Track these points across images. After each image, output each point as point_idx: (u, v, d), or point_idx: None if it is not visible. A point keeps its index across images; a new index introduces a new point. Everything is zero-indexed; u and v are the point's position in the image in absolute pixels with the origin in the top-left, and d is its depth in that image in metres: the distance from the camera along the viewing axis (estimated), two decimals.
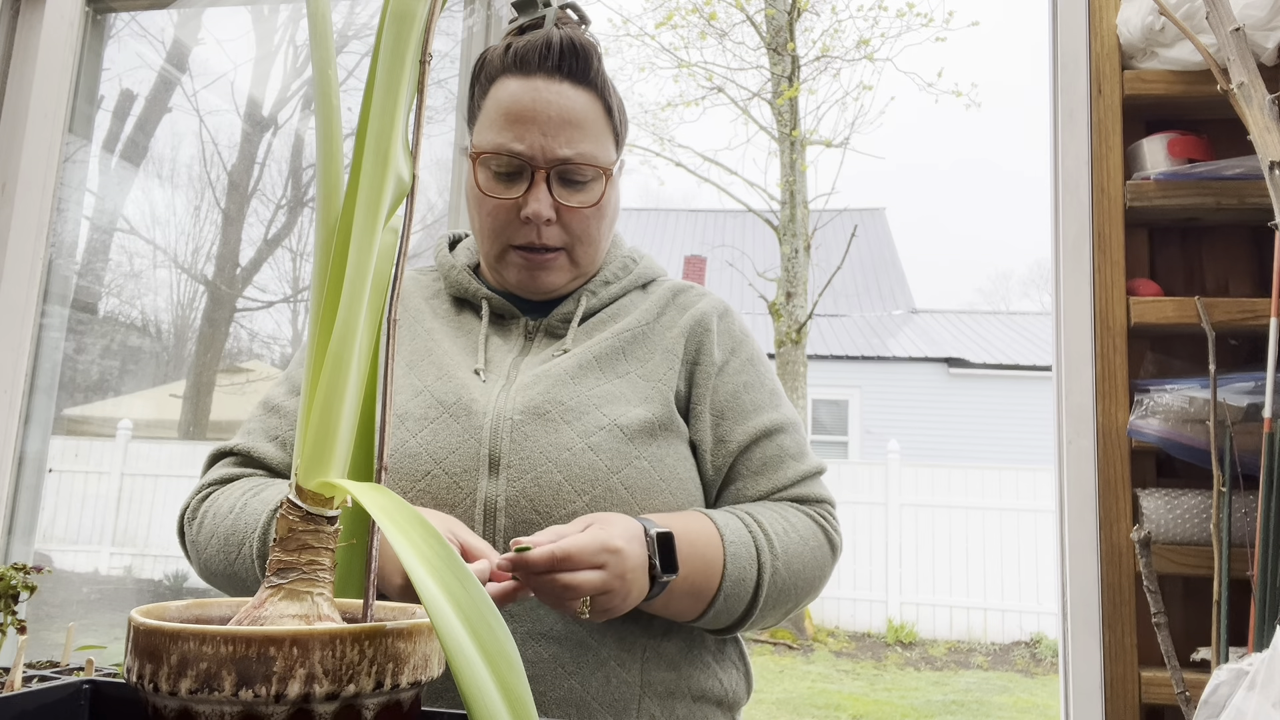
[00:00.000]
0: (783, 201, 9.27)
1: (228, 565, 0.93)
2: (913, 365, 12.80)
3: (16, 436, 1.98)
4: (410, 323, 1.04)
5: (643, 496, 0.92)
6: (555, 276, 1.01)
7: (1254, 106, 1.29)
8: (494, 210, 0.97)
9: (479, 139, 0.99)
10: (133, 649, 0.46)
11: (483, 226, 1.00)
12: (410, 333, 1.03)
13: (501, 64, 0.99)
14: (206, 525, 0.96)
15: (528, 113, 0.96)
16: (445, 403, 0.94)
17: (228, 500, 0.96)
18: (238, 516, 0.93)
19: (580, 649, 0.90)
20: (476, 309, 1.05)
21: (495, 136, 0.97)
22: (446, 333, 1.03)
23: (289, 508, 0.52)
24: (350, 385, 0.52)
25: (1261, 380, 1.36)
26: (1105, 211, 1.53)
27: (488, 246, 1.01)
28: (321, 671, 0.44)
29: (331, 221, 0.54)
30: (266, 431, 1.02)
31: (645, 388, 0.98)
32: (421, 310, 1.06)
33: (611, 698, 0.90)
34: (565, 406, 0.94)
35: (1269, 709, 0.79)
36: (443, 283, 1.08)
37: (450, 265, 1.07)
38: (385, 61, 0.54)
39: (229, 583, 0.95)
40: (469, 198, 1.02)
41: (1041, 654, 7.43)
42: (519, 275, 1.01)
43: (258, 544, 0.90)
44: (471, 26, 1.92)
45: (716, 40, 10.33)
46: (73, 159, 2.12)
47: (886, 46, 13.89)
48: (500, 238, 0.99)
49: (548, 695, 0.88)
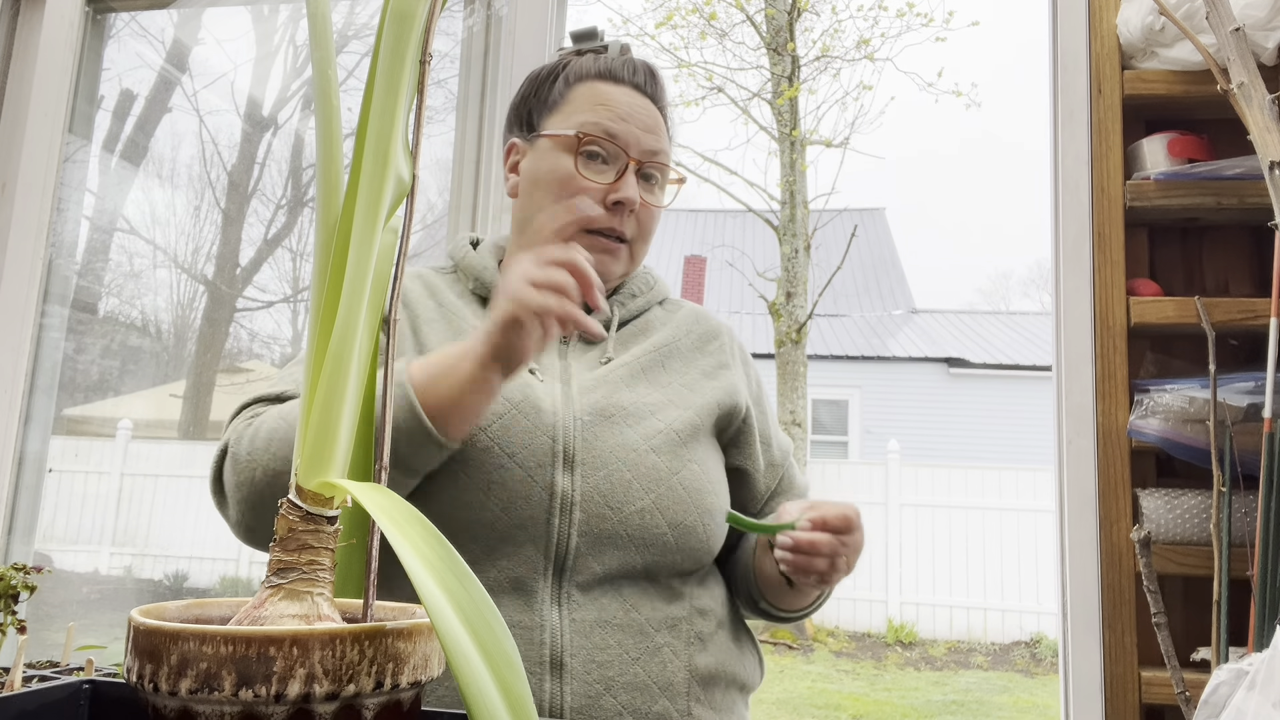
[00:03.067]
0: (783, 201, 9.27)
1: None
2: (913, 365, 12.80)
3: (16, 436, 1.98)
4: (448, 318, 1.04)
5: (697, 496, 0.99)
6: (617, 266, 1.06)
7: (1254, 106, 1.29)
8: (579, 191, 1.02)
9: (569, 122, 1.03)
10: (133, 649, 0.46)
11: (555, 209, 1.03)
12: (451, 329, 1.02)
13: (589, 70, 1.06)
14: (263, 433, 0.88)
15: (622, 109, 1.03)
16: (513, 400, 0.96)
17: (279, 409, 0.91)
18: None
19: (641, 636, 0.94)
20: None
21: (593, 118, 1.03)
22: None
23: (289, 508, 0.52)
24: (350, 385, 0.52)
25: (1261, 380, 1.36)
26: (1105, 211, 1.53)
27: (555, 227, 1.03)
28: (321, 671, 0.44)
29: (331, 221, 0.54)
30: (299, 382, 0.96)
31: (687, 397, 1.04)
32: (458, 308, 1.05)
33: (667, 682, 0.94)
34: (625, 410, 0.99)
35: (1269, 709, 0.79)
36: (470, 283, 1.08)
37: (482, 266, 1.07)
38: (385, 61, 0.54)
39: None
40: (544, 180, 1.03)
41: (1041, 654, 7.43)
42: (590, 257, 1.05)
43: None
44: (471, 26, 1.92)
45: (716, 40, 10.34)
46: (73, 159, 2.12)
47: (886, 46, 13.89)
48: (571, 217, 1.02)
49: (616, 681, 0.92)
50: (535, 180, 1.05)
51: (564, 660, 0.90)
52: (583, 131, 1.02)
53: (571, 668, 0.90)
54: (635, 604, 0.95)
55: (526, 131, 1.08)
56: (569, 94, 1.06)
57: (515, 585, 0.91)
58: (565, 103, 1.05)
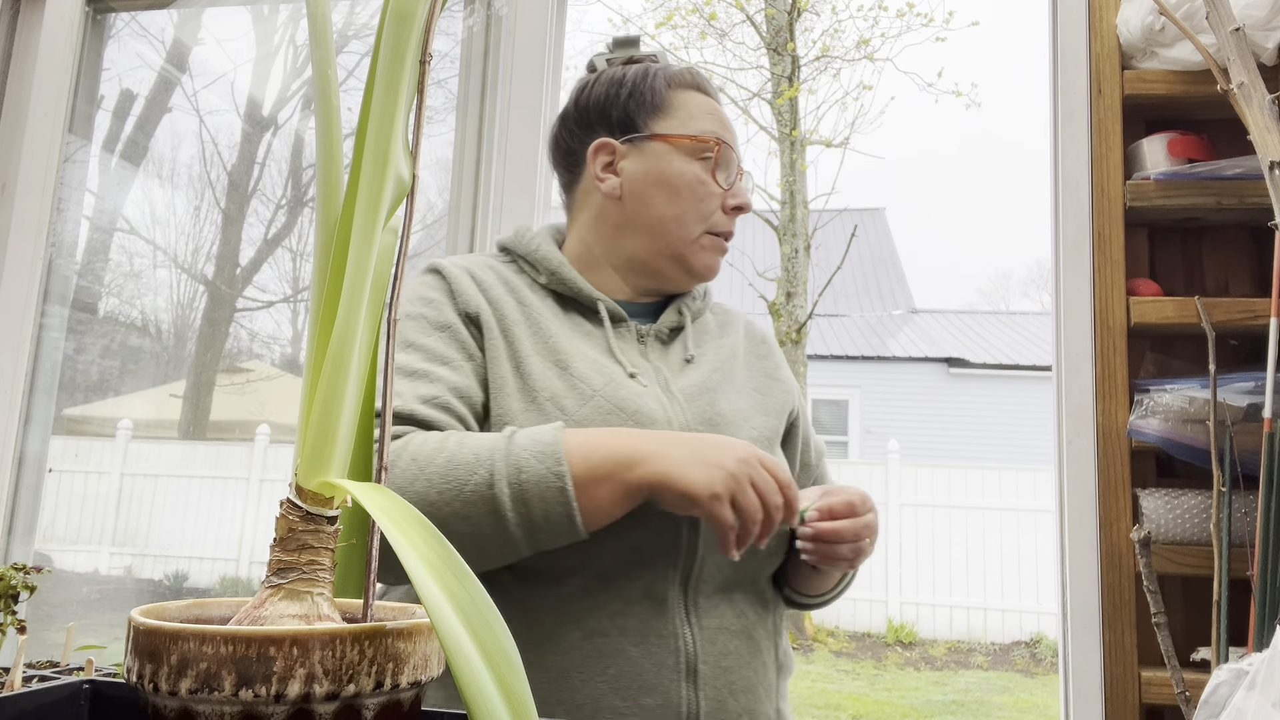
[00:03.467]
0: (783, 201, 9.26)
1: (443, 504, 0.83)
2: (913, 365, 12.79)
3: (16, 436, 1.98)
4: (531, 319, 1.02)
5: None
6: (721, 263, 1.11)
7: (1254, 106, 1.29)
8: (707, 196, 1.06)
9: (688, 127, 1.07)
10: (133, 649, 0.46)
11: (686, 212, 1.05)
12: (537, 333, 1.01)
13: (683, 79, 1.10)
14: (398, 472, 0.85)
15: (724, 121, 1.09)
16: (625, 409, 0.96)
17: (428, 443, 0.86)
18: (454, 452, 0.84)
19: (749, 640, 0.97)
20: (585, 310, 1.06)
21: (711, 127, 1.07)
22: (568, 332, 1.03)
23: (288, 508, 0.52)
24: (350, 385, 0.52)
25: (1261, 380, 1.36)
26: (1105, 211, 1.53)
27: (687, 230, 1.05)
28: (321, 671, 0.44)
29: (331, 221, 0.54)
30: (417, 394, 0.92)
31: (764, 402, 1.09)
32: (537, 306, 1.04)
33: (768, 682, 0.99)
34: (725, 418, 1.02)
35: (1269, 709, 0.79)
36: (544, 277, 1.07)
37: (559, 262, 1.07)
38: (385, 61, 0.54)
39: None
40: (672, 182, 1.05)
41: (1041, 654, 7.43)
42: (710, 258, 1.08)
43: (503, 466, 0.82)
44: (471, 26, 1.92)
45: (716, 40, 10.33)
46: (73, 159, 2.12)
47: (886, 46, 13.89)
48: (704, 223, 1.06)
49: (737, 685, 0.94)
50: (661, 182, 1.05)
51: (698, 667, 0.91)
52: (716, 140, 1.06)
53: (704, 674, 0.91)
54: (743, 610, 0.98)
55: (625, 132, 1.08)
56: (671, 99, 1.08)
57: (649, 596, 0.91)
58: (672, 107, 1.08)
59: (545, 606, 0.89)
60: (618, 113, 1.09)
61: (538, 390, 0.95)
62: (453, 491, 0.82)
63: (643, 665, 0.88)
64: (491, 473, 0.83)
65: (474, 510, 0.82)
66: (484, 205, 1.84)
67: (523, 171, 1.81)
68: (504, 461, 0.83)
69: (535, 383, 0.96)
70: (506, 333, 0.99)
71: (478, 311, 0.99)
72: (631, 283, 1.09)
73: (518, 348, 0.98)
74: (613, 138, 1.08)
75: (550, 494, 0.82)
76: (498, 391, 0.96)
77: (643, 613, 0.90)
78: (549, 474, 0.83)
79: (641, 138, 1.07)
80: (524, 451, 0.84)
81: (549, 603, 0.89)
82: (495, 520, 0.82)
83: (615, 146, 1.08)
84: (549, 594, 0.90)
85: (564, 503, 0.83)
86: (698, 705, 0.90)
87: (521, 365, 0.97)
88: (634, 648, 0.89)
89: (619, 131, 1.08)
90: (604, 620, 0.89)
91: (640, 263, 1.08)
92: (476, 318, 0.99)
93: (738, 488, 0.84)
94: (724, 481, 0.83)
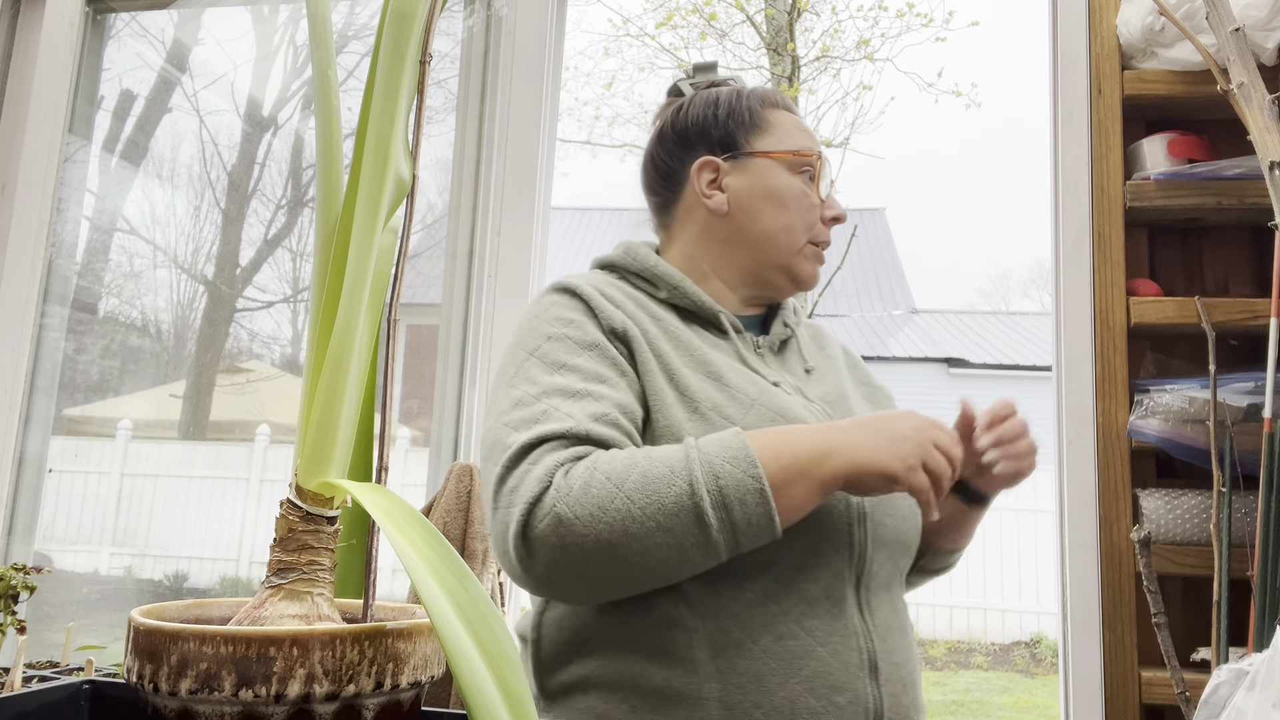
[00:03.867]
0: None
1: (646, 519, 0.83)
2: (913, 365, 12.79)
3: (16, 436, 1.98)
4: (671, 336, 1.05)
5: None
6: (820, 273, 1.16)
7: (1254, 106, 1.29)
8: (810, 209, 1.11)
9: (787, 143, 1.12)
10: (133, 649, 0.46)
11: (794, 223, 1.10)
12: (671, 340, 1.04)
13: (772, 98, 1.15)
14: (596, 490, 0.84)
15: (813, 136, 1.15)
16: (786, 416, 0.98)
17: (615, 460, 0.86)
18: (646, 467, 0.85)
19: (905, 635, 1.01)
20: (706, 322, 1.09)
21: (807, 144, 1.12)
22: (701, 343, 1.05)
23: (289, 508, 0.52)
24: (350, 385, 0.52)
25: (1261, 380, 1.36)
26: (1105, 211, 1.53)
27: (793, 241, 1.10)
28: (321, 672, 0.44)
29: (331, 222, 0.54)
30: (587, 412, 0.91)
31: (870, 409, 1.15)
32: (671, 322, 1.07)
33: (920, 675, 1.04)
34: None
35: (1269, 709, 0.79)
36: (666, 292, 1.09)
37: (680, 277, 1.10)
38: (385, 62, 0.54)
39: (639, 549, 0.83)
40: (779, 196, 1.10)
41: (1041, 654, 7.43)
42: (812, 267, 1.13)
43: (701, 474, 0.83)
44: (471, 26, 1.92)
45: (716, 40, 10.33)
46: (73, 159, 2.12)
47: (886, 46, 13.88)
48: (807, 233, 1.11)
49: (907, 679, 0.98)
50: (769, 195, 1.10)
51: (878, 664, 0.94)
52: (816, 155, 1.11)
53: (883, 670, 0.94)
54: (899, 606, 1.02)
55: (726, 150, 1.12)
56: (766, 117, 1.13)
57: (828, 596, 0.94)
58: (770, 125, 1.13)
59: (731, 613, 0.91)
60: (718, 132, 1.13)
61: (698, 401, 0.97)
62: (654, 505, 0.84)
63: (832, 665, 0.91)
64: (690, 482, 0.84)
65: (677, 521, 0.84)
66: (484, 205, 1.84)
67: (523, 171, 1.81)
68: (701, 469, 0.85)
69: (694, 394, 0.98)
70: (652, 346, 1.01)
71: (624, 328, 1.01)
72: (739, 294, 1.13)
73: (667, 361, 1.00)
74: (713, 155, 1.12)
75: (750, 497, 0.84)
76: (658, 404, 0.97)
77: (824, 613, 0.93)
78: (746, 477, 0.84)
79: (744, 155, 1.11)
80: (717, 458, 0.86)
81: (735, 609, 0.91)
82: (699, 529, 0.84)
83: (719, 164, 1.12)
84: (734, 600, 0.91)
85: (763, 504, 0.84)
86: (881, 701, 0.93)
87: (675, 378, 0.99)
88: (821, 648, 0.91)
89: (720, 150, 1.13)
90: (790, 623, 0.91)
91: (749, 274, 1.12)
92: (624, 334, 1.00)
93: (925, 453, 0.87)
94: (913, 451, 0.87)
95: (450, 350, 1.84)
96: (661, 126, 1.19)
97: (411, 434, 2.13)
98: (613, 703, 0.91)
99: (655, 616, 0.91)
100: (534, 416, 0.91)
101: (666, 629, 0.91)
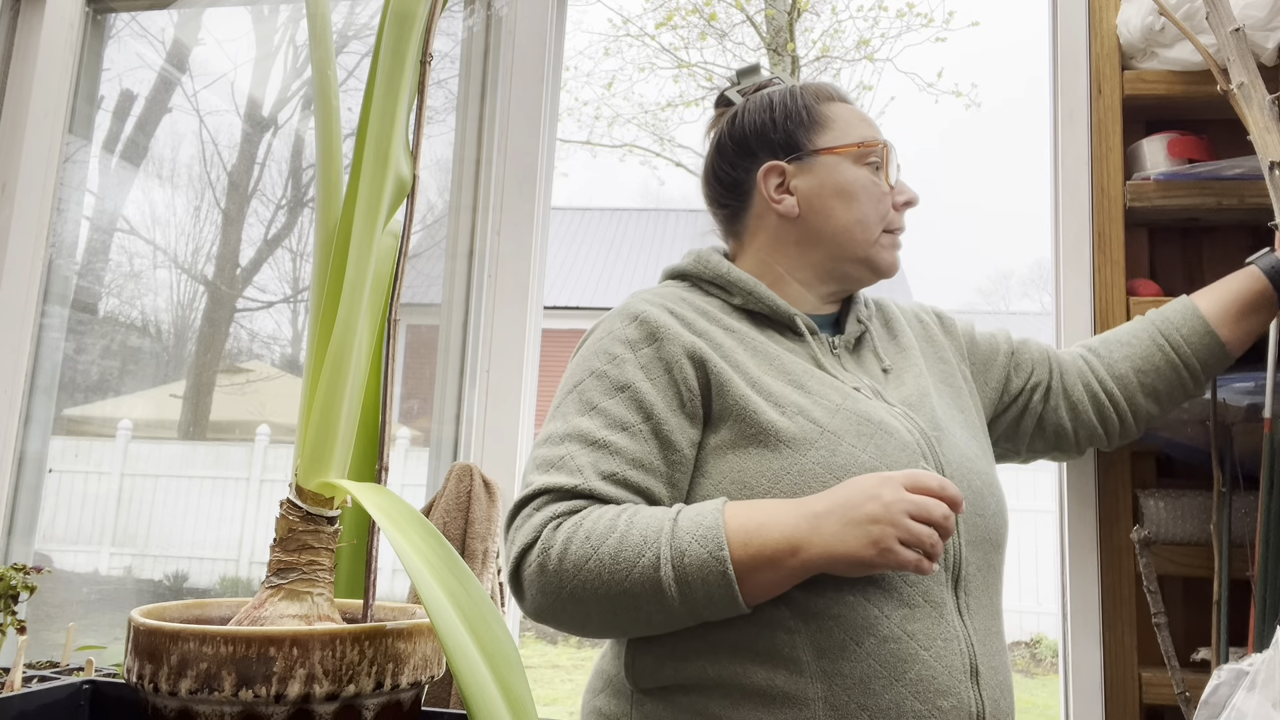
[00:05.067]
0: None
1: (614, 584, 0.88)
2: None
3: (16, 436, 1.98)
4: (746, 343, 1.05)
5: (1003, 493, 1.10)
6: None
7: (1254, 106, 1.29)
8: (881, 198, 1.10)
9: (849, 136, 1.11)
10: (133, 649, 0.46)
11: (868, 214, 1.10)
12: (748, 349, 1.04)
13: (826, 92, 1.15)
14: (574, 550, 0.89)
15: (872, 123, 1.14)
16: (872, 420, 0.99)
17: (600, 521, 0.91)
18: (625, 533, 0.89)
19: (1000, 638, 1.02)
20: (781, 326, 1.09)
21: (870, 133, 1.12)
22: (778, 348, 1.06)
23: (289, 508, 0.52)
24: (350, 385, 0.52)
25: (1261, 380, 1.36)
26: (1105, 211, 1.53)
27: (869, 232, 1.10)
28: (321, 672, 0.44)
29: (331, 222, 0.54)
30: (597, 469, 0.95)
31: (956, 399, 1.15)
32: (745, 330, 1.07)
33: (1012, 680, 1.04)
34: (942, 424, 1.07)
35: (1269, 709, 0.79)
36: (740, 298, 1.10)
37: (754, 282, 1.10)
38: (385, 62, 0.54)
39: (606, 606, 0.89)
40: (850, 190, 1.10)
41: (1041, 654, 7.43)
42: (891, 255, 1.13)
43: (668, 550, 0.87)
44: (471, 26, 1.92)
45: (716, 41, 10.34)
46: (73, 159, 2.12)
47: (886, 47, 13.88)
48: (883, 223, 1.11)
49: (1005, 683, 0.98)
50: (840, 191, 1.10)
51: (978, 667, 0.95)
52: (882, 143, 1.11)
53: (983, 675, 0.95)
54: (993, 611, 1.03)
55: (789, 152, 1.12)
56: (823, 113, 1.12)
57: (928, 600, 0.94)
58: (829, 120, 1.12)
59: (833, 614, 0.92)
60: (778, 135, 1.13)
61: (785, 406, 0.99)
62: (623, 573, 0.88)
63: (935, 669, 0.92)
64: (658, 556, 0.87)
65: (641, 590, 0.88)
66: (484, 205, 1.84)
67: (523, 171, 1.81)
68: (668, 545, 0.88)
69: (778, 398, 0.99)
70: (728, 359, 1.02)
71: (694, 349, 1.01)
72: (817, 292, 1.13)
73: (746, 370, 1.01)
74: (777, 160, 1.12)
75: (712, 577, 0.87)
76: (747, 412, 0.98)
77: (925, 617, 0.93)
78: (710, 558, 0.87)
79: (808, 154, 1.11)
80: (686, 535, 0.88)
81: (836, 610, 0.92)
82: (660, 600, 0.88)
83: (784, 168, 1.12)
84: (834, 602, 0.92)
85: (725, 585, 0.87)
86: (982, 705, 0.94)
87: (757, 384, 1.00)
88: (925, 651, 0.92)
89: (782, 153, 1.12)
90: (893, 627, 0.92)
91: (827, 271, 1.12)
92: (695, 354, 1.01)
93: (897, 529, 0.86)
94: (882, 534, 0.85)
95: (450, 350, 1.84)
96: (719, 138, 1.18)
97: (411, 434, 2.13)
98: (714, 700, 0.93)
99: (758, 617, 0.92)
100: (552, 460, 0.96)
101: (769, 630, 0.92)
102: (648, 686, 0.97)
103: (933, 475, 0.90)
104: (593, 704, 1.04)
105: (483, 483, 1.60)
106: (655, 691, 0.97)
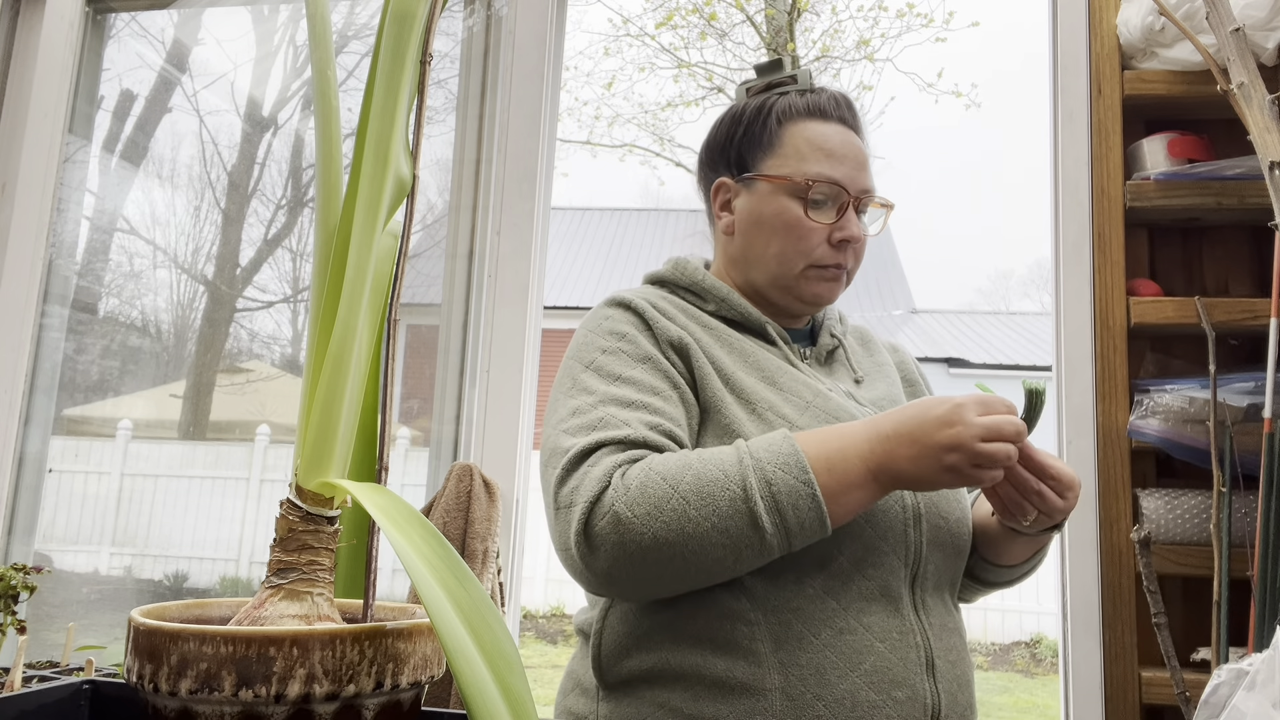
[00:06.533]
0: None
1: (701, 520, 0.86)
2: None
3: (16, 436, 1.98)
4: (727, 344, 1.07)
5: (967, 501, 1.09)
6: (837, 290, 1.12)
7: (1254, 106, 1.29)
8: (808, 233, 1.07)
9: (794, 168, 1.08)
10: (133, 649, 0.46)
11: (786, 249, 1.07)
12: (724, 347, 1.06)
13: (798, 108, 1.10)
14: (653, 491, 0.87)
15: (838, 150, 1.08)
16: (840, 417, 1.01)
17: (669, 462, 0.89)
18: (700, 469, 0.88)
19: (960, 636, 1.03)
20: (753, 332, 1.10)
21: (814, 167, 1.07)
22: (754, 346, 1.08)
23: (288, 508, 0.52)
24: (350, 385, 0.52)
25: (1261, 380, 1.36)
26: (1105, 211, 1.53)
27: (789, 266, 1.08)
28: (321, 672, 0.44)
29: (331, 222, 0.54)
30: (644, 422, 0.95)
31: None
32: (725, 332, 1.09)
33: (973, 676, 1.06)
34: None
35: (1269, 709, 0.79)
36: (714, 305, 1.11)
37: (727, 290, 1.11)
38: (385, 62, 0.54)
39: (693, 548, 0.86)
40: (771, 222, 1.08)
41: (1041, 654, 7.43)
42: (816, 288, 1.09)
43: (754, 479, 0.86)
44: (471, 26, 1.92)
45: (716, 41, 10.34)
46: (73, 159, 2.12)
47: (886, 47, 13.88)
48: (807, 257, 1.08)
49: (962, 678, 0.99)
50: (760, 222, 1.09)
51: (934, 661, 0.96)
52: (811, 179, 1.06)
53: (940, 669, 0.96)
54: (952, 608, 1.04)
55: (738, 171, 1.12)
56: (781, 134, 1.09)
57: (884, 593, 0.96)
58: (780, 144, 1.09)
59: (792, 607, 0.93)
60: (733, 152, 1.13)
61: (755, 402, 1.00)
62: (709, 507, 0.87)
63: (890, 660, 0.93)
64: (744, 486, 0.87)
65: (732, 523, 0.87)
66: (484, 205, 1.84)
67: (523, 171, 1.81)
68: (754, 475, 0.88)
69: (750, 395, 1.00)
70: (707, 353, 1.03)
71: (679, 339, 1.03)
72: (770, 309, 1.14)
73: (721, 365, 1.03)
74: (730, 176, 1.13)
75: (802, 502, 0.87)
76: (717, 406, 0.99)
77: (880, 610, 0.95)
78: (798, 483, 0.88)
79: (750, 177, 1.11)
80: (769, 464, 0.88)
81: (796, 603, 0.93)
82: (754, 531, 0.87)
83: (730, 185, 1.12)
84: (794, 595, 0.94)
85: (816, 508, 0.87)
86: (938, 698, 0.95)
87: (730, 380, 1.02)
88: (880, 643, 0.93)
89: (735, 170, 1.13)
90: (849, 619, 0.93)
91: (757, 292, 1.12)
92: (679, 345, 1.03)
93: (972, 456, 0.88)
94: (957, 461, 0.88)
95: (450, 350, 1.84)
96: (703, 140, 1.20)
97: (411, 434, 2.13)
98: (676, 692, 0.93)
99: (718, 610, 0.93)
100: (592, 423, 0.95)
101: (729, 622, 0.93)
102: (612, 681, 0.98)
103: (1000, 399, 0.92)
104: (563, 704, 1.05)
105: (482, 483, 1.60)
106: (619, 686, 0.98)
